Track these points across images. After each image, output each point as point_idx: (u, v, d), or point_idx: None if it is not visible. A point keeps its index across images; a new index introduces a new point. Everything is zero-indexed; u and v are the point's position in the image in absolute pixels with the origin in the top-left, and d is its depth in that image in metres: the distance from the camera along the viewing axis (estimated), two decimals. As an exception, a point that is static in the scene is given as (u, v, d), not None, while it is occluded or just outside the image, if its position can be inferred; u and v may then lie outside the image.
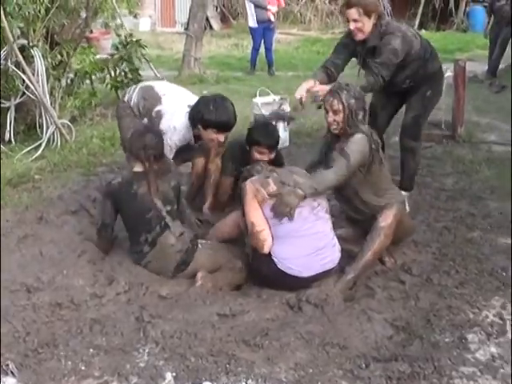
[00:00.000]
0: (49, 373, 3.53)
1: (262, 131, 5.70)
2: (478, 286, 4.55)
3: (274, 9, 14.95)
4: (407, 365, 3.58)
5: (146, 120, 5.52)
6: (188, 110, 5.41)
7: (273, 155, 5.62)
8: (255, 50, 15.17)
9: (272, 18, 14.85)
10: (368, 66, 5.44)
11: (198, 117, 5.29)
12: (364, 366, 3.62)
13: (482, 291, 4.46)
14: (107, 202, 4.87)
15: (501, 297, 4.38)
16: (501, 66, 13.91)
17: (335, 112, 4.77)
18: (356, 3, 5.49)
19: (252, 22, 14.93)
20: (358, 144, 4.69)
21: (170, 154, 5.31)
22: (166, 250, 4.67)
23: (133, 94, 5.67)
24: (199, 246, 4.77)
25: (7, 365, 3.55)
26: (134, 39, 9.85)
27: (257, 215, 4.50)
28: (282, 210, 4.40)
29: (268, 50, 15.05)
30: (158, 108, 5.44)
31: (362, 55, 5.73)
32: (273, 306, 4.25)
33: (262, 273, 4.53)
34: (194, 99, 5.58)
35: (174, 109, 5.43)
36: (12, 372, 3.51)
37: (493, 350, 3.78)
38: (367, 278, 4.65)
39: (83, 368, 3.58)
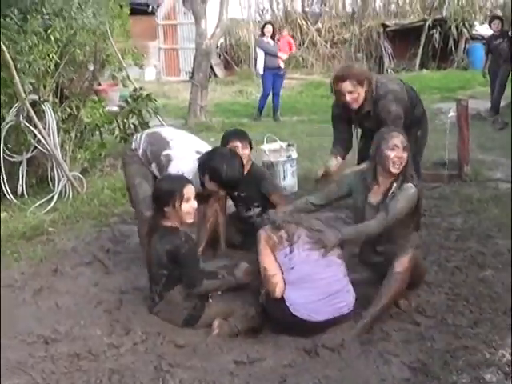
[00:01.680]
0: (70, 424, 3.57)
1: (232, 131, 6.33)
2: (492, 325, 4.56)
3: (284, 56, 15.14)
4: (426, 406, 3.60)
5: (154, 165, 5.55)
6: (197, 156, 5.45)
7: (247, 151, 6.00)
8: (264, 97, 15.28)
9: (282, 65, 15.01)
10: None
11: (206, 167, 5.32)
12: (383, 409, 3.65)
13: (497, 330, 4.47)
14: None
15: (516, 335, 4.40)
16: (503, 103, 14.02)
17: (405, 148, 4.90)
18: (348, 76, 5.61)
19: (262, 69, 15.09)
20: (408, 198, 4.88)
21: None
22: (172, 306, 4.73)
23: (140, 142, 5.70)
24: (210, 300, 4.81)
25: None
26: (145, 93, 9.96)
27: (269, 261, 4.58)
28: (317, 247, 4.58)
29: (276, 95, 15.18)
30: (166, 152, 5.46)
31: (358, 120, 5.96)
32: (289, 352, 4.26)
33: (276, 318, 4.57)
34: (201, 145, 5.68)
35: (183, 154, 5.47)
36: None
37: (510, 389, 3.80)
38: (382, 322, 4.65)
39: (104, 419, 3.62)
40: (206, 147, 5.66)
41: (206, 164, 5.33)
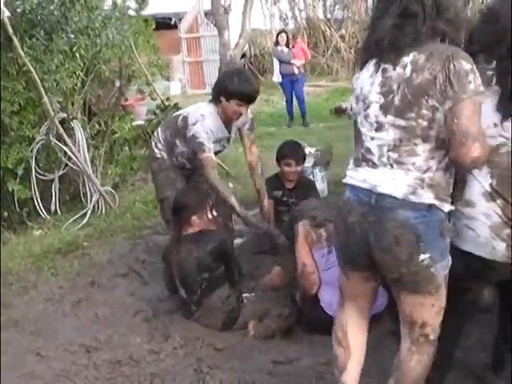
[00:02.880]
0: (116, 426, 3.67)
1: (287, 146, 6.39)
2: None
3: (298, 63, 15.34)
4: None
5: (178, 141, 5.57)
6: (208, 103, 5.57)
7: (300, 168, 6.20)
8: (288, 102, 15.68)
9: (296, 71, 15.21)
10: None
11: (221, 88, 5.41)
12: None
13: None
14: (164, 264, 5.16)
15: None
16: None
17: None
18: None
19: (276, 77, 15.49)
20: None
21: (208, 141, 5.35)
22: (211, 311, 4.83)
23: (158, 135, 5.75)
24: (245, 301, 4.91)
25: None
26: (172, 103, 10.11)
27: (307, 257, 4.64)
28: None
29: (300, 101, 15.42)
30: (180, 117, 5.57)
31: None
32: (325, 351, 4.30)
33: (311, 318, 4.61)
34: None
35: (196, 106, 5.61)
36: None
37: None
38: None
39: (148, 419, 3.72)
40: None
41: (220, 85, 5.46)
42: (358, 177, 3.07)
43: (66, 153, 8.32)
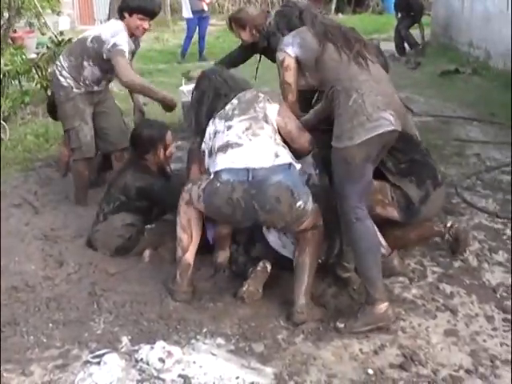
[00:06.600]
0: (13, 347, 3.80)
1: None
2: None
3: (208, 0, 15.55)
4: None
5: (85, 64, 5.70)
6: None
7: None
8: (189, 38, 15.75)
9: (205, 8, 15.38)
10: None
11: (123, 5, 5.63)
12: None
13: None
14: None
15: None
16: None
17: None
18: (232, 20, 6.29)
19: (187, 13, 15.47)
20: None
21: (127, 49, 5.54)
22: (110, 230, 5.01)
23: (61, 63, 5.81)
24: (145, 233, 5.07)
25: (-29, 344, 3.83)
26: (66, 38, 9.99)
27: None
28: None
29: (202, 38, 15.69)
30: (90, 39, 5.68)
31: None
32: (207, 273, 4.66)
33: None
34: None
35: (106, 25, 5.89)
36: (-23, 350, 3.78)
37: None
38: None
39: (45, 340, 3.87)
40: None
41: (123, 3, 5.68)
42: (230, 160, 3.94)
43: (-47, 83, 8.15)
